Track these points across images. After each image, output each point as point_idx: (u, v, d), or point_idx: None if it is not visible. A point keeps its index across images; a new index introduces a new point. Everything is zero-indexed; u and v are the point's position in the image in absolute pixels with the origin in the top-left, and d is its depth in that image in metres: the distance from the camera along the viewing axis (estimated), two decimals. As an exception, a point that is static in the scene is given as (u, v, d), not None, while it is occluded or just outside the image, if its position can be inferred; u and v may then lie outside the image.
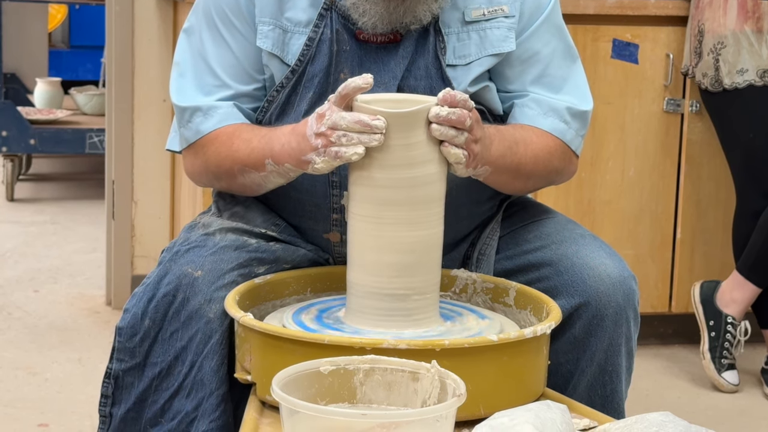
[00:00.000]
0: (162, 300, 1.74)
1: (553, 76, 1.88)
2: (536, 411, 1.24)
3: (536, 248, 1.85)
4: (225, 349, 1.70)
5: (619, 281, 1.78)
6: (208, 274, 1.73)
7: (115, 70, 3.70)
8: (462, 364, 1.48)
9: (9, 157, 5.26)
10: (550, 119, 1.86)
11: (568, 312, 1.78)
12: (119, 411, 1.79)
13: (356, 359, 1.41)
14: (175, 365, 1.74)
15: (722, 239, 3.47)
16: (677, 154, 3.46)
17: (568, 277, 1.79)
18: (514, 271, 1.86)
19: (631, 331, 1.81)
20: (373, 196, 1.61)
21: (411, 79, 1.82)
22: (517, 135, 1.81)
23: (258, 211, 1.89)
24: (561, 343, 1.80)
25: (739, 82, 3.20)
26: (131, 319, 1.77)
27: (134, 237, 3.76)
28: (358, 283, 1.64)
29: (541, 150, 1.84)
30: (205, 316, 1.71)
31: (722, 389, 3.27)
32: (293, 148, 1.69)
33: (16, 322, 3.61)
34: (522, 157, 1.80)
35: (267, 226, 1.86)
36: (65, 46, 7.69)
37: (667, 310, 3.51)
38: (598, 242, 1.85)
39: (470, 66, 1.84)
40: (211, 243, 1.77)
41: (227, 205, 1.91)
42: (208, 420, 1.69)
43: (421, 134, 1.61)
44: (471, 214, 1.90)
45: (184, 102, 1.85)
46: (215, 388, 1.70)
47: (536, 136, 1.84)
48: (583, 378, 1.80)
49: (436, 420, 1.27)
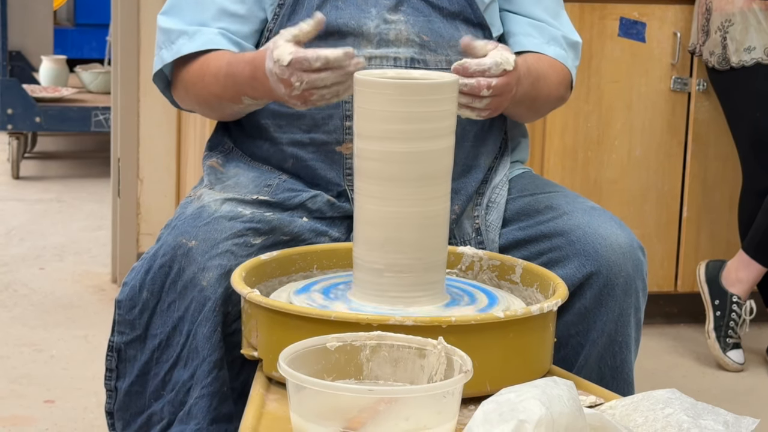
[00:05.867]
0: (159, 272, 1.75)
1: (548, 3, 1.96)
2: (543, 387, 1.24)
3: (548, 219, 1.86)
4: (218, 317, 1.69)
5: (629, 251, 1.79)
6: (202, 244, 1.73)
7: (121, 48, 3.69)
8: (468, 341, 1.48)
9: (14, 135, 5.26)
10: (553, 47, 1.94)
11: (579, 281, 1.79)
12: (123, 384, 1.80)
13: (363, 335, 1.40)
14: (173, 336, 1.74)
15: (728, 218, 3.47)
16: (684, 132, 3.45)
17: (580, 246, 1.80)
18: (525, 241, 1.86)
19: (640, 302, 1.82)
20: (380, 171, 1.61)
21: None
22: (540, 70, 1.87)
23: (248, 178, 1.90)
24: (571, 314, 1.80)
25: (746, 60, 3.19)
26: (129, 291, 1.77)
27: (140, 215, 3.77)
28: (365, 260, 1.64)
29: (554, 83, 1.91)
30: (198, 284, 1.70)
31: (727, 368, 3.28)
32: (268, 89, 1.72)
33: (22, 300, 3.62)
34: (540, 91, 1.88)
35: (259, 190, 1.86)
36: (70, 24, 7.67)
37: (673, 290, 3.51)
38: (609, 214, 1.86)
39: None
40: (205, 214, 1.78)
41: (218, 179, 1.91)
42: (201, 386, 1.69)
43: (435, 107, 1.60)
44: (477, 137, 1.93)
45: (172, 25, 1.90)
46: (207, 354, 1.69)
47: (551, 69, 1.91)
48: (594, 349, 1.81)
49: (443, 396, 1.27)
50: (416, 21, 1.86)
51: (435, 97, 1.60)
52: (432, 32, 1.87)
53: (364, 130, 1.62)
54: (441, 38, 1.87)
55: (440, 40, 1.87)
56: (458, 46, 1.82)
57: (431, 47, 1.86)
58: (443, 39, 1.87)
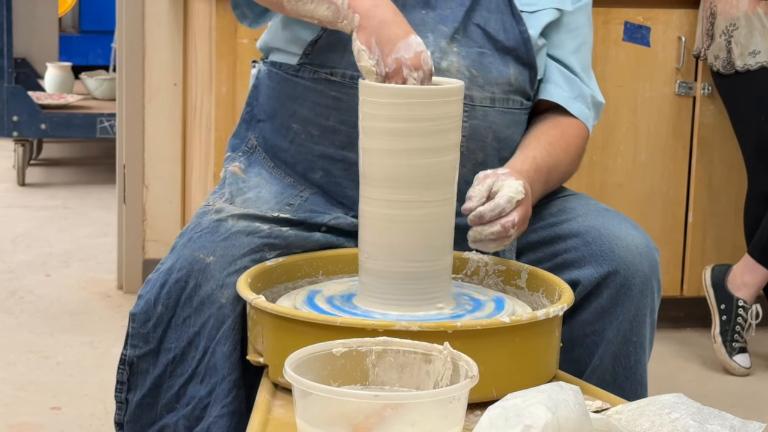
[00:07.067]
0: (174, 286, 1.74)
1: (584, 56, 1.96)
2: (549, 392, 1.23)
3: (562, 221, 1.86)
4: (237, 335, 1.69)
5: (646, 252, 1.80)
6: (220, 260, 1.72)
7: (126, 55, 3.70)
8: (474, 346, 1.48)
9: (20, 142, 5.26)
10: (578, 104, 1.93)
11: (596, 281, 1.79)
12: (135, 397, 1.79)
13: (368, 341, 1.40)
14: (188, 351, 1.74)
15: (734, 222, 3.46)
16: (689, 137, 3.45)
17: (597, 246, 1.80)
18: (539, 243, 1.86)
19: (655, 303, 1.83)
20: (386, 176, 1.61)
21: (483, 11, 1.85)
22: (552, 162, 1.86)
23: (271, 192, 1.87)
24: (587, 313, 1.80)
25: (751, 64, 3.18)
26: (144, 305, 1.77)
27: (145, 221, 3.77)
28: (370, 266, 1.64)
29: (565, 164, 1.91)
30: (217, 302, 1.70)
31: (733, 372, 3.27)
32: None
33: (29, 306, 3.62)
34: (552, 184, 1.89)
35: (280, 207, 1.84)
36: (75, 31, 7.68)
37: (679, 294, 3.51)
38: (622, 216, 1.87)
39: (537, 14, 1.89)
40: (223, 229, 1.77)
41: (240, 189, 1.90)
42: (221, 405, 1.69)
43: (440, 110, 1.60)
44: None
45: None
46: (227, 373, 1.69)
47: (565, 152, 1.90)
48: (609, 349, 1.81)
49: (449, 401, 1.27)
50: (469, 53, 1.84)
51: (440, 101, 1.60)
52: (482, 67, 1.85)
53: (368, 134, 1.62)
54: (489, 74, 1.85)
55: (489, 76, 1.85)
56: (505, 84, 1.84)
57: (479, 83, 1.84)
58: (491, 75, 1.85)
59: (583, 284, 1.79)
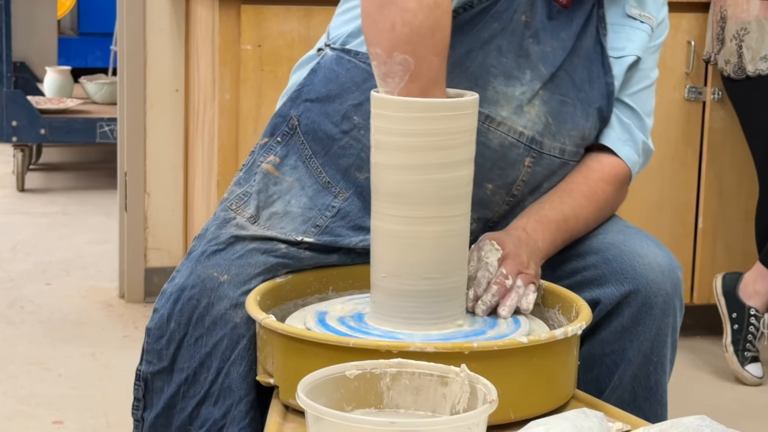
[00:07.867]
0: (187, 304, 1.70)
1: (645, 101, 1.91)
2: (573, 420, 1.19)
3: (582, 238, 1.82)
4: (253, 355, 1.65)
5: (668, 270, 1.76)
6: (234, 279, 1.68)
7: (127, 60, 3.66)
8: (491, 367, 1.44)
9: (19, 147, 5.23)
10: (627, 148, 1.88)
11: (617, 300, 1.75)
12: (150, 416, 1.75)
13: (383, 363, 1.36)
14: (200, 372, 1.70)
15: (745, 229, 3.42)
16: (699, 142, 3.40)
17: (617, 264, 1.76)
18: (559, 262, 1.81)
19: (677, 322, 1.79)
20: (398, 193, 1.56)
21: (575, 56, 1.81)
22: (567, 211, 1.80)
23: (301, 206, 1.78)
24: (608, 332, 1.76)
25: (762, 69, 3.14)
26: (159, 320, 1.73)
27: (147, 229, 3.73)
28: (382, 284, 1.59)
29: (590, 212, 1.83)
30: (231, 321, 1.66)
31: (746, 382, 3.23)
32: None
33: (29, 316, 3.58)
34: (577, 229, 1.81)
35: (306, 229, 1.76)
36: (74, 33, 7.64)
37: (689, 302, 3.46)
38: (644, 233, 1.83)
39: (621, 60, 1.85)
40: (239, 246, 1.72)
41: (268, 199, 1.80)
42: (238, 427, 1.65)
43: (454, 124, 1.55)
44: None
45: None
46: (244, 394, 1.65)
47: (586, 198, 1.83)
48: (629, 368, 1.77)
49: (468, 428, 1.23)
50: (551, 98, 1.78)
51: (454, 114, 1.55)
52: (560, 116, 1.79)
53: (381, 148, 1.57)
54: (564, 125, 1.79)
55: (563, 126, 1.79)
56: (578, 138, 1.80)
57: (551, 131, 1.78)
58: (566, 127, 1.80)
59: (603, 303, 1.74)
